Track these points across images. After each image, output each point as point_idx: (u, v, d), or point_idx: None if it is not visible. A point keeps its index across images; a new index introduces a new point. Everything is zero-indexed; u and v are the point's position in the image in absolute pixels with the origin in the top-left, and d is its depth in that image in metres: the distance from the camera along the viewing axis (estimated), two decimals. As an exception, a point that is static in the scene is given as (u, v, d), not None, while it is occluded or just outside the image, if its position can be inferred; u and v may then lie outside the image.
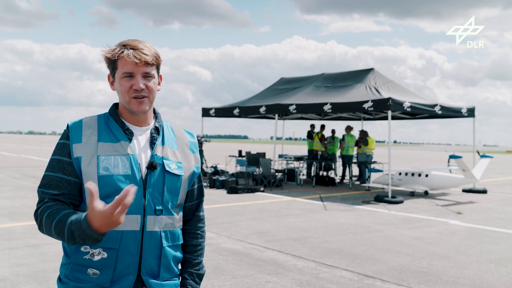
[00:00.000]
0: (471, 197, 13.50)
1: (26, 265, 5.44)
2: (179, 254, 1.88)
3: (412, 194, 13.46)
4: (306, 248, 6.66)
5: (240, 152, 18.06)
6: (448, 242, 7.36)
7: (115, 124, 1.78)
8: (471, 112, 14.43)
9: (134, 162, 1.72)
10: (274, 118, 17.85)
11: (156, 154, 1.78)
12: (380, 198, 11.85)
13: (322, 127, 17.40)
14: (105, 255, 1.66)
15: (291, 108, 14.32)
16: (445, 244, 7.21)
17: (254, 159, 16.28)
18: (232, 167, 18.95)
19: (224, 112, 17.02)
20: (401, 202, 11.70)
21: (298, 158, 17.64)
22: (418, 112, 13.57)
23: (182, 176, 1.85)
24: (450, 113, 13.72)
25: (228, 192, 13.02)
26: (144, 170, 1.74)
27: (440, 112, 13.14)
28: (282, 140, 22.54)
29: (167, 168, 1.78)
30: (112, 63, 1.74)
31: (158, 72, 1.80)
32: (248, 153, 17.11)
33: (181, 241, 1.89)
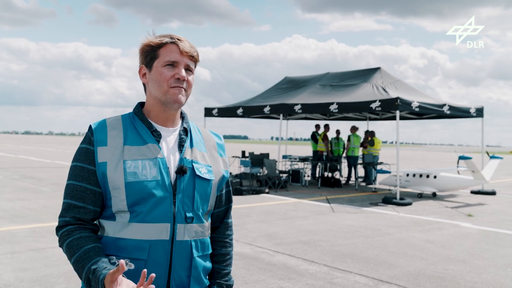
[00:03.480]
0: (480, 198, 13.29)
1: (30, 270, 5.26)
2: (208, 265, 1.75)
3: (420, 196, 13.26)
4: (317, 252, 6.48)
5: (243, 152, 17.87)
6: (461, 245, 7.17)
7: (141, 125, 1.66)
8: (479, 112, 14.21)
9: (163, 166, 1.61)
10: (278, 118, 17.66)
11: (185, 158, 1.66)
12: (388, 200, 11.66)
13: (326, 127, 17.13)
14: (132, 266, 1.52)
15: (296, 108, 14.12)
16: (459, 247, 7.02)
17: (259, 160, 16.09)
18: (234, 168, 18.76)
19: (227, 112, 16.80)
20: (409, 204, 11.50)
21: (303, 159, 17.44)
22: (426, 112, 13.37)
23: (213, 180, 1.72)
24: (459, 113, 13.51)
25: (233, 194, 12.82)
26: (173, 174, 1.62)
27: (448, 112, 12.93)
28: (285, 141, 22.35)
29: (197, 173, 1.66)
30: (153, 51, 1.64)
31: (194, 70, 1.72)
32: (252, 154, 16.93)
33: (210, 251, 1.77)
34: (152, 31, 1.67)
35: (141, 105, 1.74)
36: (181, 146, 1.69)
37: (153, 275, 1.36)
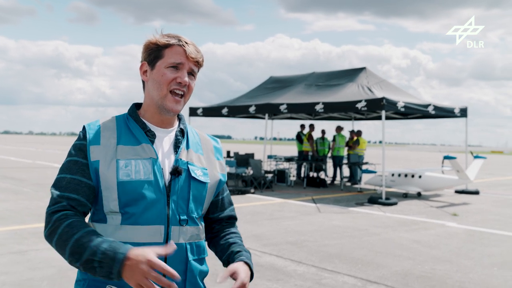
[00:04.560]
0: (464, 198, 13.40)
1: (12, 274, 5.11)
2: (205, 268, 1.70)
3: (405, 196, 13.32)
4: (305, 252, 6.43)
5: (228, 152, 17.78)
6: (448, 245, 7.20)
7: (135, 125, 1.62)
8: (464, 112, 14.35)
9: (157, 166, 1.56)
10: (262, 118, 17.60)
11: (180, 159, 1.62)
12: (374, 199, 11.69)
13: (311, 126, 17.09)
14: None
15: (282, 107, 14.08)
16: (445, 247, 7.04)
17: (244, 160, 16.02)
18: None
19: (212, 111, 16.67)
20: (395, 204, 11.54)
21: (289, 159, 17.42)
22: (412, 112, 13.44)
23: (208, 183, 1.68)
24: (443, 113, 13.62)
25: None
26: (167, 175, 1.58)
27: (433, 112, 13.02)
28: (270, 141, 22.32)
29: (192, 174, 1.61)
30: (159, 50, 1.60)
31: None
32: (237, 154, 16.85)
33: (206, 254, 1.72)
34: (160, 30, 1.64)
35: (136, 106, 1.70)
36: (176, 147, 1.65)
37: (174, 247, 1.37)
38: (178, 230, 1.57)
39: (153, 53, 1.61)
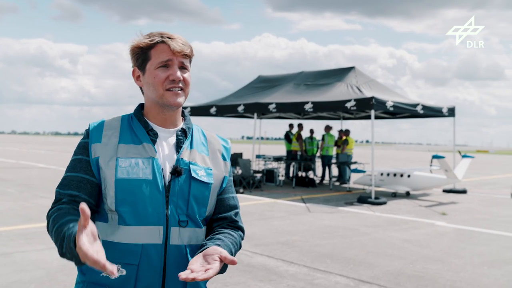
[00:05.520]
0: (453, 197, 13.48)
1: (-3, 276, 5.00)
2: None
3: (394, 195, 13.36)
4: (296, 253, 6.39)
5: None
6: (438, 244, 7.21)
7: (138, 124, 1.60)
8: (451, 112, 14.43)
9: (157, 166, 1.53)
10: (251, 117, 17.52)
11: (182, 159, 1.58)
12: (363, 199, 11.69)
13: (300, 126, 17.04)
14: (124, 272, 1.45)
15: (271, 107, 14.02)
16: (436, 246, 7.05)
17: (232, 159, 15.94)
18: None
19: (200, 111, 16.52)
20: (384, 203, 11.56)
21: (277, 159, 17.37)
22: (400, 112, 13.48)
23: (212, 184, 1.62)
24: (431, 112, 13.68)
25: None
26: (168, 175, 1.54)
27: (422, 111, 13.07)
28: (259, 140, 22.26)
29: (193, 174, 1.57)
30: (144, 53, 1.57)
31: (190, 66, 1.63)
32: (225, 154, 16.74)
33: None
34: (140, 31, 1.61)
35: (141, 106, 1.68)
36: (178, 147, 1.61)
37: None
38: (177, 231, 1.53)
39: (140, 57, 1.59)
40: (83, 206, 1.17)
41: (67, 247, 1.31)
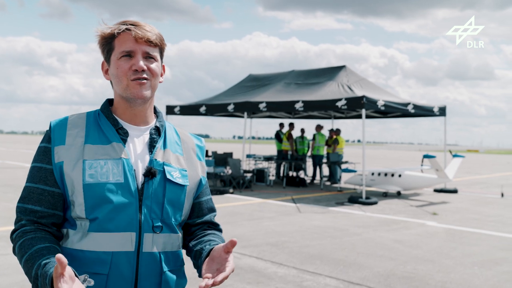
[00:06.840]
0: (443, 197, 13.44)
1: (-24, 280, 4.84)
2: (183, 281, 1.54)
3: (385, 195, 13.30)
4: (285, 254, 6.28)
5: (206, 152, 17.50)
6: (429, 244, 7.14)
7: (106, 122, 1.47)
8: (442, 111, 14.40)
9: (128, 167, 1.41)
10: (241, 117, 17.39)
11: (155, 159, 1.46)
12: (354, 199, 11.61)
13: (291, 125, 16.92)
14: (92, 282, 1.33)
15: (261, 106, 13.88)
16: (427, 247, 6.98)
17: (222, 159, 15.83)
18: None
19: (190, 110, 16.34)
20: (375, 203, 11.49)
21: (268, 158, 17.25)
22: (391, 111, 13.42)
23: (187, 186, 1.51)
24: (422, 112, 13.64)
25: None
26: (140, 178, 1.43)
27: (413, 110, 13.03)
28: (249, 140, 22.14)
29: (168, 176, 1.46)
30: (108, 43, 1.47)
31: (161, 58, 1.50)
32: (215, 153, 16.62)
33: (184, 265, 1.56)
34: (101, 20, 1.49)
35: (109, 102, 1.55)
36: (152, 146, 1.49)
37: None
38: (151, 237, 1.43)
39: (105, 48, 1.48)
40: (60, 256, 1.10)
41: (42, 282, 1.24)
